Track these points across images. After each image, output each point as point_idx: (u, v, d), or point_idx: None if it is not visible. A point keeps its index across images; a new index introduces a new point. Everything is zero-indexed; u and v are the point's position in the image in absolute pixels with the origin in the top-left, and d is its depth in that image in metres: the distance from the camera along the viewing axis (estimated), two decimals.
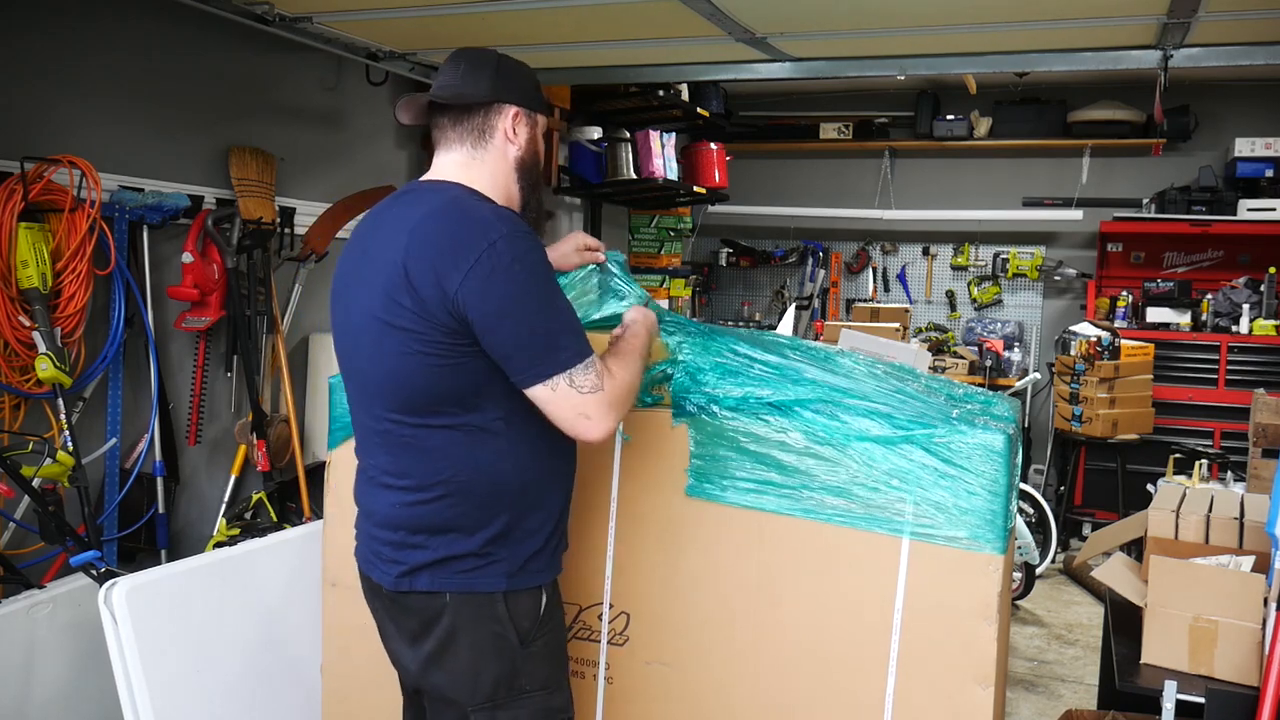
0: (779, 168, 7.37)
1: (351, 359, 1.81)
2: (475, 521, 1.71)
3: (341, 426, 2.41)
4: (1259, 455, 3.80)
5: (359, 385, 1.81)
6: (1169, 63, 3.13)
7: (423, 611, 1.75)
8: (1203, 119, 6.27)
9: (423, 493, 1.72)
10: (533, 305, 1.61)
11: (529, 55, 3.89)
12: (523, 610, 1.76)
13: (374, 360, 1.72)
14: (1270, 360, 5.74)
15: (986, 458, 1.88)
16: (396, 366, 1.67)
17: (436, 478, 1.71)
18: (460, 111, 1.79)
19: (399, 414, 1.71)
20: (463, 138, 1.79)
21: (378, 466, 1.80)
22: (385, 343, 1.68)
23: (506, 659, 1.75)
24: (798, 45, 3.47)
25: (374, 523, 1.81)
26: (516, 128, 1.81)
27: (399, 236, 1.67)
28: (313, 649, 2.55)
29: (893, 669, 1.96)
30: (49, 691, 2.53)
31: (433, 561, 1.72)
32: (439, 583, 1.72)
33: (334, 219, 3.94)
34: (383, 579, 1.79)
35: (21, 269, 2.82)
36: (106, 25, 3.20)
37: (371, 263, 1.72)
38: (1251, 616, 2.25)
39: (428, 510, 1.72)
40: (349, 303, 1.79)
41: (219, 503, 3.67)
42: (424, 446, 1.71)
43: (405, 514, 1.74)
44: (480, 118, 1.79)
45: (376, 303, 1.68)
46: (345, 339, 1.82)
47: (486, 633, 1.73)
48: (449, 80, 1.79)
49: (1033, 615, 4.85)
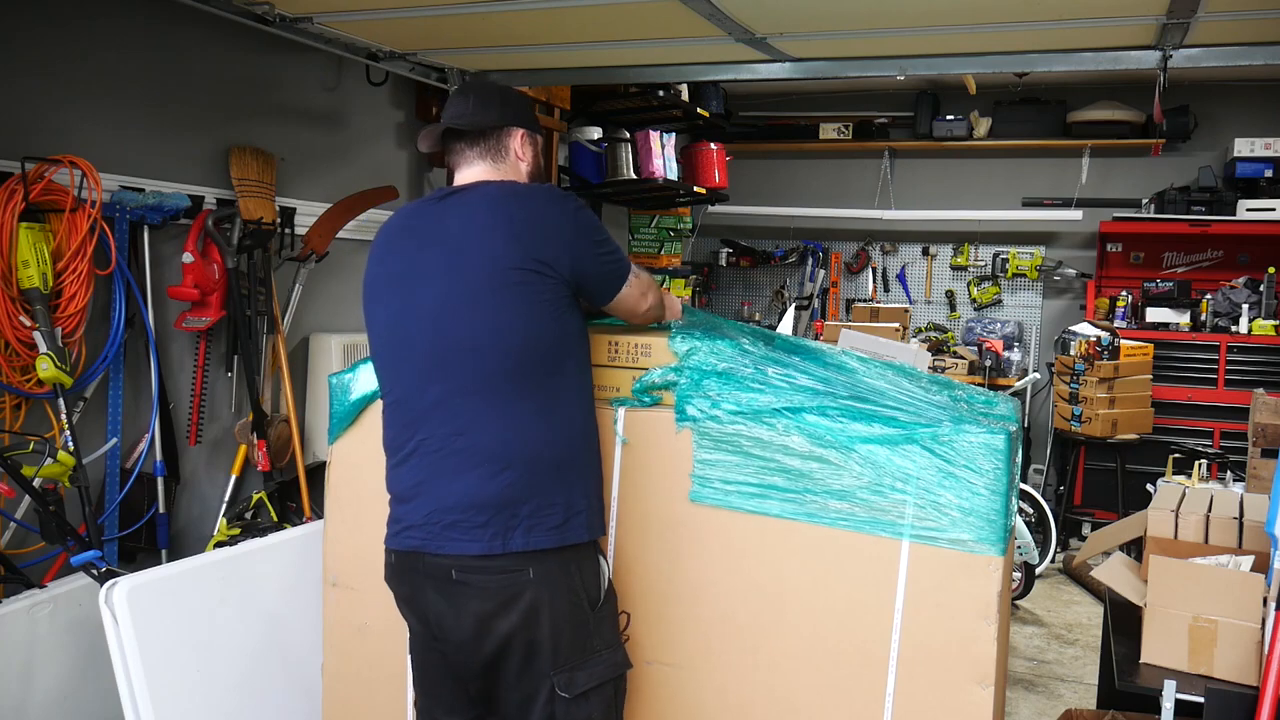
0: (779, 168, 7.38)
1: (429, 339, 1.94)
2: (554, 488, 1.91)
3: (340, 420, 2.41)
4: (1258, 455, 3.80)
5: (443, 360, 1.93)
6: (1168, 63, 3.13)
7: (502, 591, 1.88)
8: (1202, 119, 6.27)
9: (497, 463, 1.88)
10: (607, 238, 2.02)
11: (529, 55, 3.91)
12: (590, 579, 1.96)
13: (476, 326, 1.89)
14: (1269, 360, 5.74)
15: (987, 457, 1.88)
16: (509, 324, 1.88)
17: (513, 446, 1.89)
18: (476, 135, 2.05)
19: (483, 379, 1.88)
20: (482, 156, 2.06)
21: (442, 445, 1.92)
22: (495, 305, 1.88)
23: (583, 623, 1.93)
24: (798, 45, 3.47)
25: (449, 501, 1.90)
26: (524, 147, 2.09)
27: (481, 216, 1.93)
28: (313, 649, 2.55)
29: (893, 669, 1.96)
30: (50, 691, 2.53)
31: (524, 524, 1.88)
32: (535, 541, 1.87)
33: (334, 219, 3.94)
34: (468, 546, 1.88)
35: (22, 269, 2.82)
36: (107, 25, 3.20)
37: (448, 246, 1.93)
38: (1251, 616, 2.25)
39: (509, 481, 1.88)
40: (411, 291, 1.96)
41: (219, 502, 3.67)
42: (500, 415, 1.89)
43: (484, 489, 1.87)
44: (494, 140, 2.06)
45: (475, 277, 1.89)
46: (410, 324, 1.96)
47: (564, 603, 1.90)
48: (462, 110, 2.05)
49: (1033, 615, 4.85)
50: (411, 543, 1.94)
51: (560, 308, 1.92)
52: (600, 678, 1.95)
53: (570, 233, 1.93)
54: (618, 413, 2.16)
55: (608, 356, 2.18)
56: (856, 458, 1.96)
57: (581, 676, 1.92)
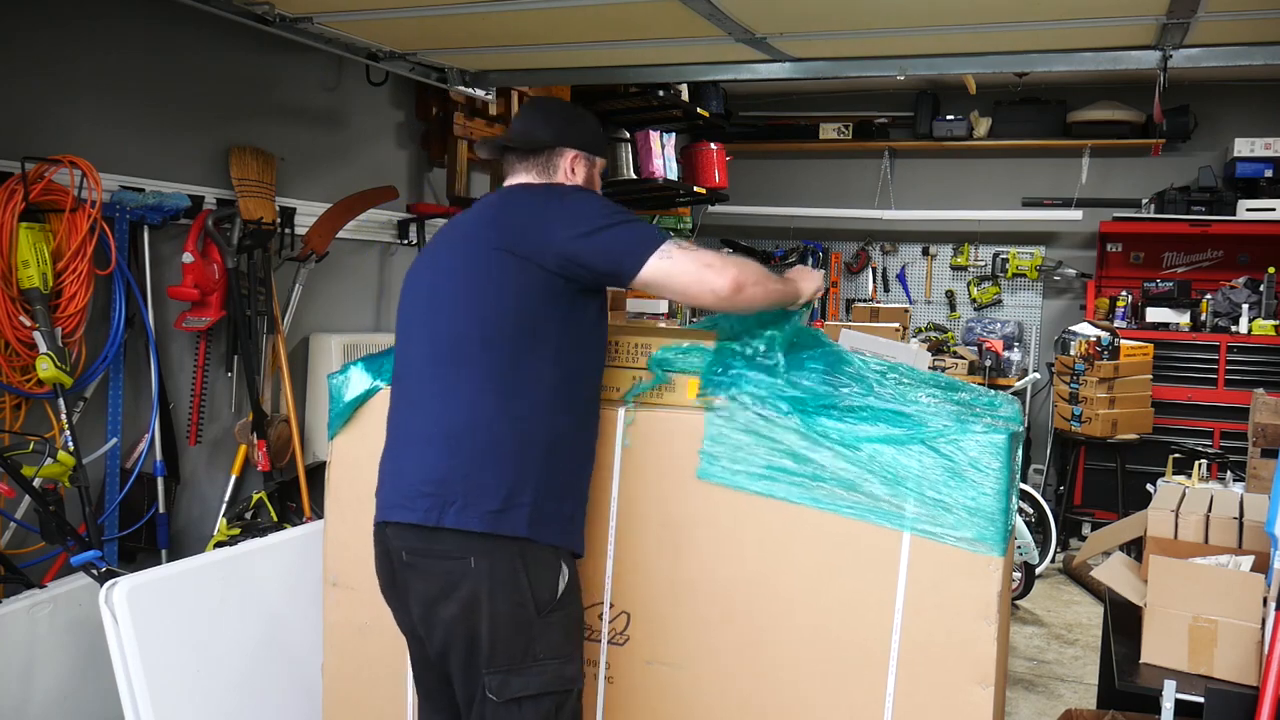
0: (779, 168, 7.38)
1: (412, 320, 2.04)
2: (499, 475, 1.86)
3: (336, 419, 2.41)
4: (1258, 455, 3.80)
5: (410, 336, 2.03)
6: (1168, 63, 3.13)
7: (443, 576, 1.86)
8: (1202, 119, 6.27)
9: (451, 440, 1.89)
10: (621, 214, 1.93)
11: (529, 55, 3.90)
12: (542, 581, 1.88)
13: (439, 302, 1.96)
14: (1269, 360, 5.74)
15: (988, 456, 1.88)
16: (469, 302, 1.90)
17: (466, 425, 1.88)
18: (528, 151, 2.09)
19: (453, 349, 1.91)
20: (529, 170, 2.09)
21: (408, 416, 1.98)
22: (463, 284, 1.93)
23: (525, 625, 1.86)
24: (798, 45, 3.47)
25: (404, 472, 1.94)
26: (575, 167, 2.10)
27: (489, 210, 2.01)
28: (313, 649, 2.55)
29: (893, 668, 1.96)
30: (50, 691, 2.53)
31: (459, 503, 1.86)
32: (465, 521, 1.83)
33: (334, 219, 3.94)
34: (407, 515, 1.89)
35: (22, 269, 2.82)
36: (107, 25, 3.20)
37: (455, 236, 2.02)
38: (1251, 616, 2.25)
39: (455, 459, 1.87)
40: (419, 279, 2.07)
41: (219, 502, 3.67)
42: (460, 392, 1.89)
43: (433, 462, 1.89)
44: (544, 157, 2.09)
45: (455, 259, 1.97)
46: (407, 308, 2.08)
47: (506, 600, 1.84)
48: (522, 127, 2.12)
49: (1033, 615, 4.85)
50: (377, 515, 1.98)
51: (541, 295, 1.88)
52: (539, 688, 1.87)
53: (553, 215, 1.90)
54: (619, 413, 2.16)
55: (609, 356, 2.18)
56: (863, 456, 1.96)
57: (517, 682, 1.86)
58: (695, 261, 1.86)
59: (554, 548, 1.91)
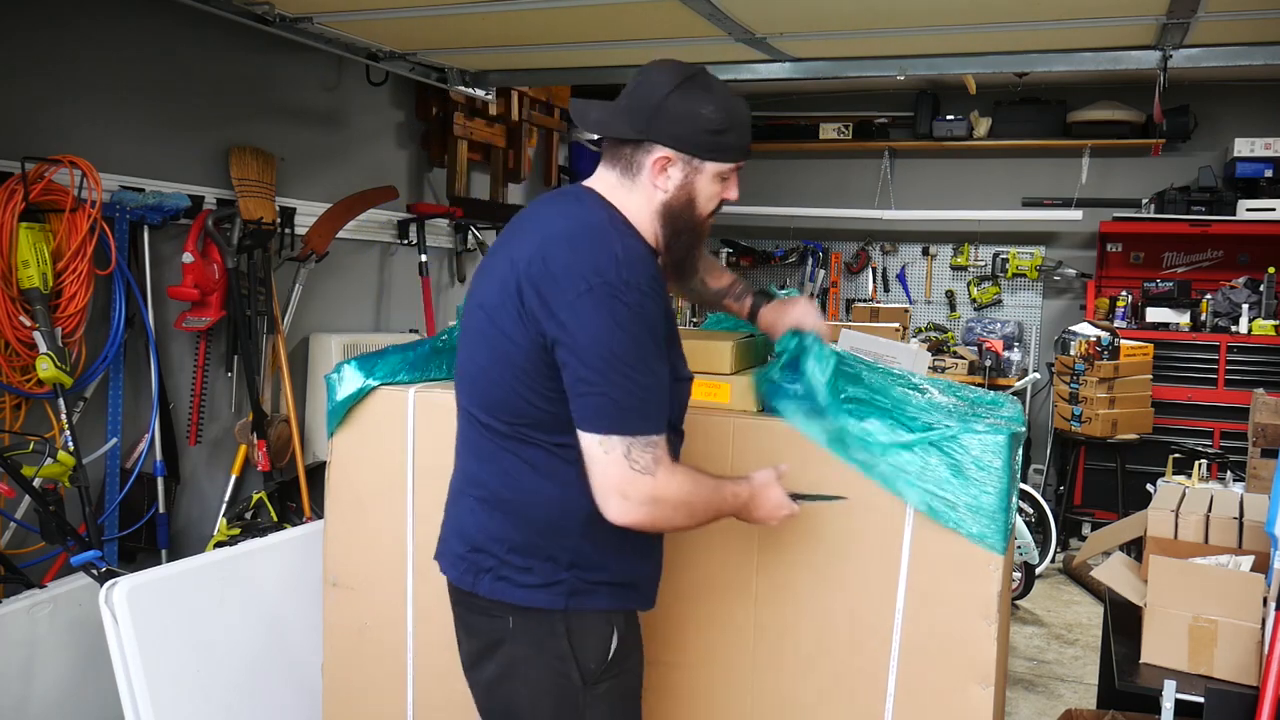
0: (779, 168, 7.37)
1: (460, 347, 1.78)
2: (541, 540, 1.64)
3: (332, 416, 2.41)
4: (1258, 455, 3.80)
5: (458, 374, 1.78)
6: (1168, 63, 3.13)
7: (484, 634, 1.70)
8: (1202, 119, 6.27)
9: (488, 503, 1.68)
10: (616, 360, 1.51)
11: (529, 55, 3.91)
12: (588, 648, 1.65)
13: (473, 355, 1.69)
14: (1269, 360, 5.74)
15: (989, 455, 1.88)
16: (492, 371, 1.63)
17: (502, 491, 1.67)
18: (618, 141, 1.68)
19: (483, 414, 1.68)
20: (615, 162, 1.69)
21: (460, 466, 1.78)
22: (486, 342, 1.65)
23: (568, 698, 1.65)
24: (798, 45, 3.47)
25: (450, 524, 1.80)
26: (668, 170, 1.65)
27: (528, 245, 1.61)
28: (313, 649, 2.55)
29: (893, 668, 1.96)
30: (50, 691, 2.53)
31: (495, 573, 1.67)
32: (499, 591, 1.65)
33: (334, 219, 3.94)
34: (448, 571, 1.76)
35: (22, 269, 2.82)
36: (107, 25, 3.20)
37: (501, 259, 1.68)
38: (1251, 616, 2.25)
39: (491, 522, 1.68)
40: (473, 291, 1.76)
41: (219, 502, 3.67)
42: (494, 455, 1.67)
43: (470, 521, 1.71)
44: (629, 151, 1.67)
45: (490, 299, 1.64)
46: (464, 321, 1.79)
47: (546, 669, 1.64)
48: (623, 96, 1.68)
49: (1033, 615, 4.85)
50: (437, 554, 1.83)
51: (545, 381, 1.59)
52: None
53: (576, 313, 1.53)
54: None
55: None
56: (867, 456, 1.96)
57: None
58: (619, 477, 1.53)
59: (603, 612, 1.68)
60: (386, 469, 2.35)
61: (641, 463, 1.53)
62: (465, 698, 2.17)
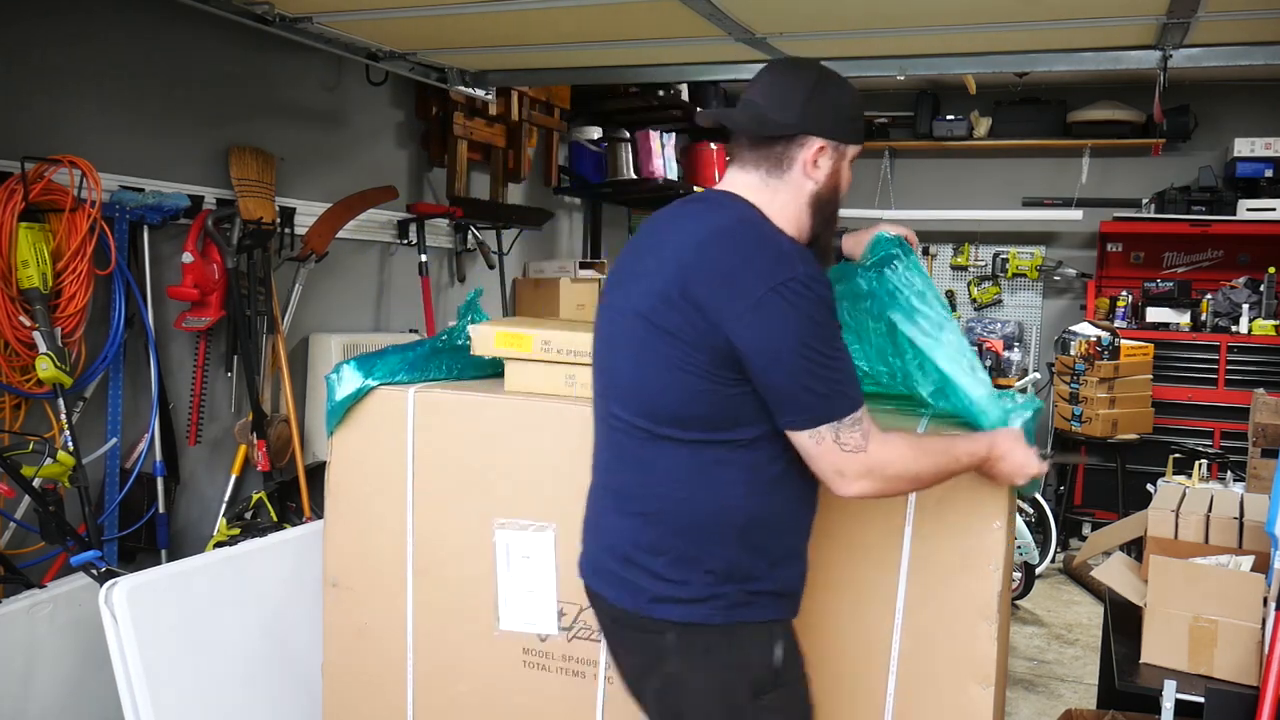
0: None
1: (604, 354, 1.75)
2: (697, 550, 1.63)
3: (331, 416, 2.41)
4: (1258, 455, 3.80)
5: (603, 381, 1.75)
6: (1169, 63, 3.13)
7: (646, 650, 1.68)
8: (1202, 119, 6.27)
9: (641, 515, 1.66)
10: (813, 354, 1.53)
11: (529, 55, 3.90)
12: (753, 659, 1.65)
13: (627, 361, 1.66)
14: (1270, 360, 5.74)
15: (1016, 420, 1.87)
16: (651, 375, 1.62)
17: (658, 499, 1.64)
18: (765, 137, 1.67)
19: (638, 419, 1.65)
20: (759, 162, 1.69)
21: (604, 479, 1.76)
22: (647, 347, 1.62)
23: (736, 710, 1.64)
24: (798, 45, 3.46)
25: (598, 538, 1.76)
26: (819, 160, 1.68)
27: (684, 247, 1.61)
28: (313, 649, 2.55)
29: (893, 668, 1.96)
30: (49, 691, 2.53)
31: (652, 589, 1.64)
32: (660, 610, 1.63)
33: (334, 219, 3.94)
34: (604, 590, 1.72)
35: (22, 269, 2.82)
36: (106, 25, 3.20)
37: (649, 263, 1.66)
38: (1251, 616, 2.25)
39: (643, 533, 1.65)
40: (616, 298, 1.73)
41: (219, 502, 3.67)
42: (650, 462, 1.65)
43: (621, 534, 1.69)
44: (781, 147, 1.67)
45: (646, 303, 1.62)
46: (604, 329, 1.76)
47: (713, 682, 1.63)
48: (755, 97, 1.68)
49: (1033, 615, 4.85)
50: (582, 571, 1.79)
51: (719, 382, 1.58)
52: None
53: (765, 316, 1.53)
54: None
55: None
56: None
57: None
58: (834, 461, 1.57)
59: (764, 623, 1.67)
60: (386, 469, 2.35)
61: (851, 442, 1.57)
62: (465, 698, 2.17)
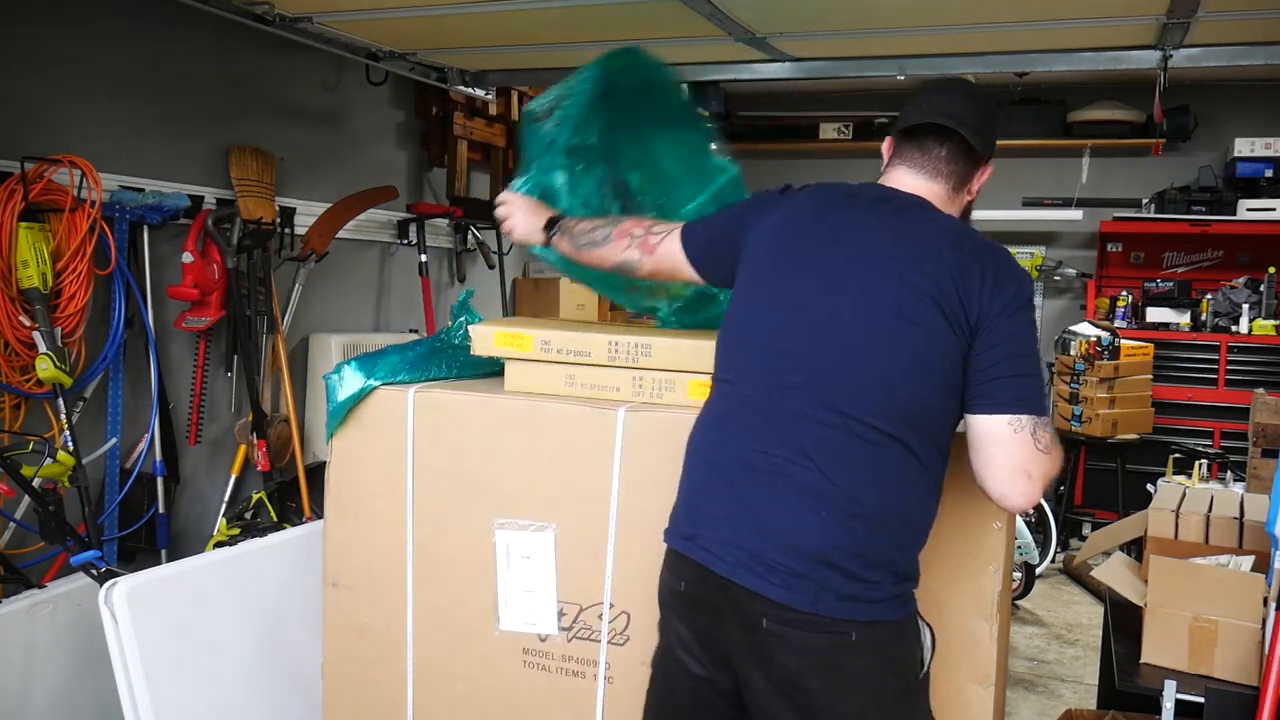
0: (779, 168, 7.36)
1: (815, 350, 1.68)
2: (896, 552, 1.65)
3: (332, 417, 2.41)
4: (1259, 455, 3.80)
5: (824, 378, 1.67)
6: (1169, 63, 3.13)
7: (820, 651, 1.62)
8: (1202, 119, 6.27)
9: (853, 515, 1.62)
10: (1033, 351, 1.67)
11: (529, 55, 3.90)
12: (916, 645, 1.70)
13: (867, 358, 1.64)
14: (1270, 360, 5.74)
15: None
16: (903, 368, 1.63)
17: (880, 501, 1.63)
18: (956, 157, 1.79)
19: (872, 418, 1.62)
20: (949, 177, 1.80)
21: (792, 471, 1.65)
22: (895, 345, 1.63)
23: (907, 695, 1.69)
24: (798, 45, 3.47)
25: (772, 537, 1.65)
26: (980, 184, 1.86)
27: (935, 244, 1.69)
28: (313, 649, 2.54)
29: None
30: (49, 691, 2.53)
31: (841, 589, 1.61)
32: (844, 610, 1.60)
33: (334, 219, 3.95)
34: (774, 592, 1.62)
35: (22, 269, 2.82)
36: (106, 25, 3.20)
37: (874, 256, 1.69)
38: (1251, 616, 2.25)
39: (851, 535, 1.62)
40: (808, 291, 1.71)
41: (219, 502, 3.67)
42: (868, 463, 1.63)
43: (821, 534, 1.61)
44: (971, 167, 1.82)
45: (900, 301, 1.64)
46: (797, 325, 1.71)
47: (889, 674, 1.65)
48: (963, 115, 1.77)
49: (1033, 615, 4.85)
50: (712, 561, 1.68)
51: (954, 376, 1.64)
52: None
53: (1013, 313, 1.65)
54: (618, 414, 2.16)
55: (608, 356, 2.18)
56: None
57: None
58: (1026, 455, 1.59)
59: (914, 614, 1.71)
60: (386, 470, 2.35)
61: (1043, 442, 1.60)
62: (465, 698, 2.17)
